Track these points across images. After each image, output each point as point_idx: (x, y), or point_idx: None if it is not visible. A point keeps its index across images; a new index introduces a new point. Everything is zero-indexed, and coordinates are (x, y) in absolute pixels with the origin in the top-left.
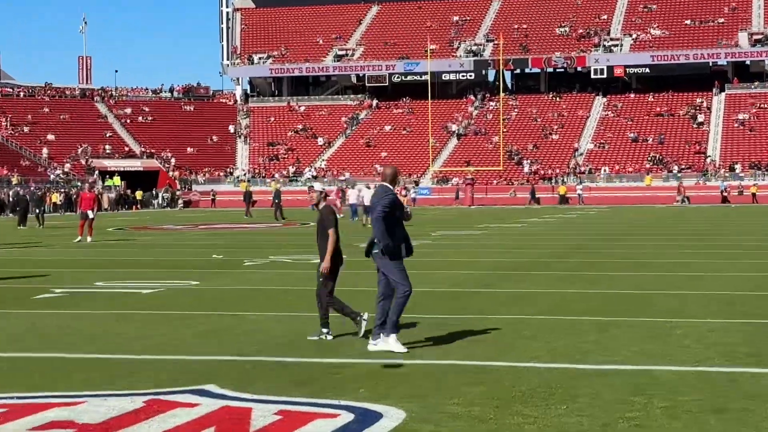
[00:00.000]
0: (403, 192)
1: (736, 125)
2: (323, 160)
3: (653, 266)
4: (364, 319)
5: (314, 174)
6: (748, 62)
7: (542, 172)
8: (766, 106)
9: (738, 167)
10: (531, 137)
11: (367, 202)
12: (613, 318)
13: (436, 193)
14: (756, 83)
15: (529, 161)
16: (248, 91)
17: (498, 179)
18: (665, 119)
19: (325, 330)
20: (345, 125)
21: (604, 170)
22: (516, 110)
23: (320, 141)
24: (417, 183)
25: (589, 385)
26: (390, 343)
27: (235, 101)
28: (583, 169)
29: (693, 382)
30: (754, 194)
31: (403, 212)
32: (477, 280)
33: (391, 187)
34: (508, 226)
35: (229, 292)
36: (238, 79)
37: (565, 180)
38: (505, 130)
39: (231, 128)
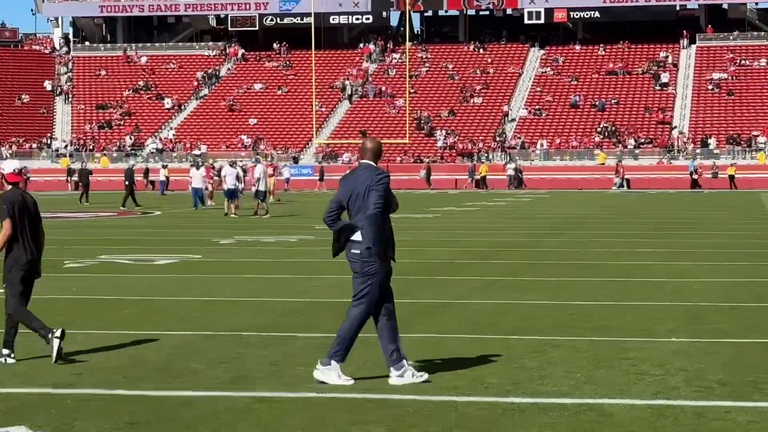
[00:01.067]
0: (269, 170)
1: (709, 87)
2: (171, 128)
3: (603, 270)
4: (56, 337)
5: (158, 146)
6: (725, 6)
7: (461, 146)
8: (748, 62)
9: (712, 142)
10: (446, 100)
11: (231, 185)
12: (553, 337)
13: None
14: (735, 33)
15: (443, 132)
16: (71, 36)
17: (403, 155)
18: (619, 79)
19: (6, 351)
20: (201, 83)
21: (542, 144)
22: (427, 65)
23: (168, 103)
24: (296, 160)
25: (522, 423)
26: (331, 373)
27: (53, 49)
28: (513, 143)
29: (651, 419)
30: (731, 177)
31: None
32: None
33: (376, 165)
34: (416, 218)
35: (45, 303)
36: (57, 19)
37: (491, 157)
38: (412, 90)
39: (47, 85)
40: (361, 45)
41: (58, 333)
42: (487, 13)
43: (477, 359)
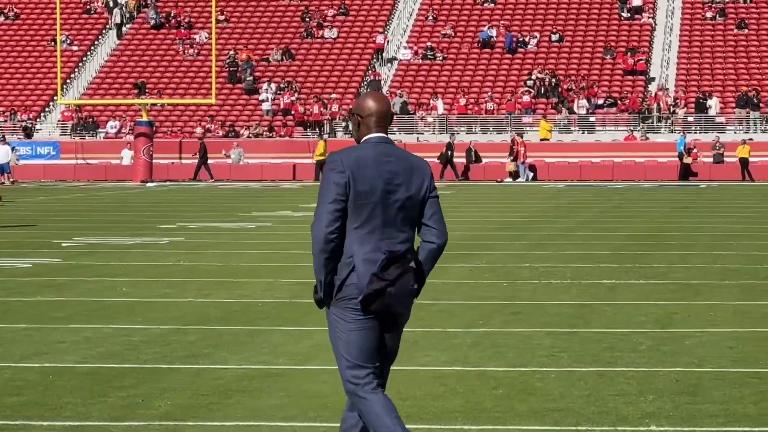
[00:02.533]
0: None
1: (708, 16)
2: None
3: (540, 314)
4: None
5: None
6: None
7: (302, 110)
8: None
9: (713, 104)
10: (279, 34)
11: None
12: (462, 425)
13: (69, 153)
14: None
15: (273, 86)
16: None
17: (207, 123)
18: (564, 2)
19: None
20: None
21: (436, 108)
22: None
23: None
24: (28, 132)
25: None
26: None
27: None
28: (392, 103)
29: None
30: (744, 161)
31: None
32: (135, 352)
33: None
34: (229, 228)
35: None
36: None
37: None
38: (222, 17)
39: None
40: None
41: None
42: None
43: None
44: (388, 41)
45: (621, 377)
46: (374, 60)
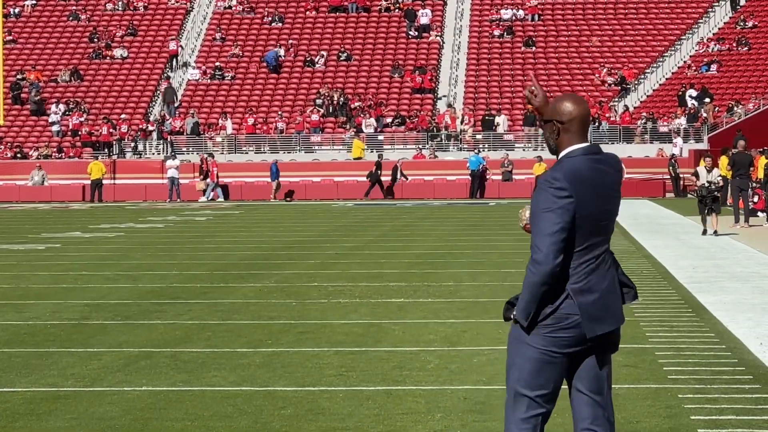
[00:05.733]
0: None
1: (496, 33)
2: None
3: (321, 336)
4: None
5: None
6: None
7: (90, 131)
8: None
9: (501, 121)
10: (67, 55)
11: None
12: None
13: None
14: None
15: (61, 107)
16: None
17: (4, 147)
18: (350, 19)
19: None
20: None
21: (224, 125)
22: None
23: None
24: None
25: None
26: None
27: None
28: (179, 124)
29: None
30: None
31: None
32: None
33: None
34: (4, 250)
35: None
36: None
37: (143, 147)
38: (9, 37)
39: None
40: None
41: None
42: None
43: None
44: (181, 47)
45: (409, 396)
46: (167, 69)
